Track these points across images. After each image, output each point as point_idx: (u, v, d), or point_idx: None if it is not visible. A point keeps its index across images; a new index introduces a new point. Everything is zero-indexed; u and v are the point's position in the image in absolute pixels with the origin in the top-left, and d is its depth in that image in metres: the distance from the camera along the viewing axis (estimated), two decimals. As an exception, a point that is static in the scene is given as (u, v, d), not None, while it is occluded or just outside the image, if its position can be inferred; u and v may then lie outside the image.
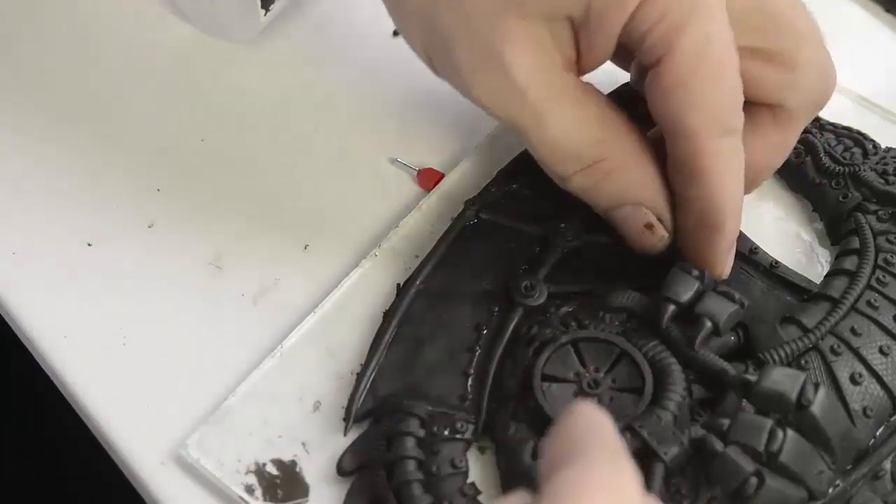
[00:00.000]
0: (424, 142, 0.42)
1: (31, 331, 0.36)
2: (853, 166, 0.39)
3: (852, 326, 0.34)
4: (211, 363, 0.35)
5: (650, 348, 0.32)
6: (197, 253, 0.38)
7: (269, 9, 0.43)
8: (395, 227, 0.38)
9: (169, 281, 0.38)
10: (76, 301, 0.37)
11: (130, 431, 0.34)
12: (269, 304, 0.37)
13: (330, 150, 0.42)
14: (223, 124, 0.43)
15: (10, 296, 0.37)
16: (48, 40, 0.45)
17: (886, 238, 0.37)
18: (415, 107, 0.43)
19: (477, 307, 0.36)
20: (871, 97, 0.44)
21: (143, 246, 0.38)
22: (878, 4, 0.48)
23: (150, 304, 0.37)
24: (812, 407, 0.30)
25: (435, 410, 0.32)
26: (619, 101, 0.33)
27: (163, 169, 0.41)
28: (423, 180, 0.41)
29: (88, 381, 0.35)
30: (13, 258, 0.38)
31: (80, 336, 0.36)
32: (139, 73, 0.44)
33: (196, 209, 0.40)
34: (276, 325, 0.36)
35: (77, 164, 0.41)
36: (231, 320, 0.37)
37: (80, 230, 0.39)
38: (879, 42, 0.47)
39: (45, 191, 0.40)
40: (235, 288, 0.37)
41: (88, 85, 0.43)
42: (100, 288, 0.37)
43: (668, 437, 0.30)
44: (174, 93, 0.43)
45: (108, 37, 0.45)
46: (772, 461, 0.29)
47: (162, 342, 0.36)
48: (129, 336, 0.36)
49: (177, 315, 0.37)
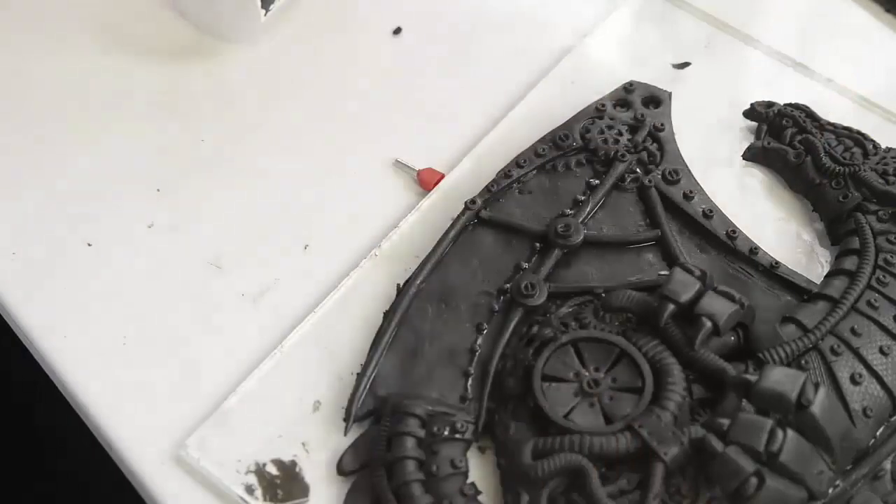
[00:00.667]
0: (425, 142, 0.42)
1: (31, 331, 0.36)
2: (853, 166, 0.39)
3: (852, 326, 0.34)
4: (211, 363, 0.35)
5: (650, 348, 0.32)
6: (197, 253, 0.38)
7: (269, 9, 0.43)
8: (395, 227, 0.39)
9: (169, 281, 0.38)
10: (76, 301, 0.37)
11: (130, 431, 0.34)
12: (269, 304, 0.37)
13: (330, 151, 0.42)
14: (223, 124, 0.43)
15: (11, 296, 0.37)
16: (48, 40, 0.45)
17: (886, 238, 0.37)
18: (415, 107, 0.43)
19: (477, 307, 0.36)
20: (872, 97, 0.44)
21: (143, 246, 0.39)
22: (878, 5, 0.48)
23: (150, 304, 0.37)
24: (812, 407, 0.30)
25: (435, 410, 0.32)
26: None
27: (163, 169, 0.41)
28: (423, 180, 0.41)
29: (88, 380, 0.35)
30: (13, 258, 0.38)
31: (80, 336, 0.36)
32: (139, 73, 0.44)
33: (196, 209, 0.40)
34: (276, 325, 0.36)
35: (77, 164, 0.41)
36: (231, 320, 0.37)
37: (80, 230, 0.39)
38: (879, 42, 0.47)
39: (45, 191, 0.40)
40: (235, 288, 0.37)
41: (88, 85, 0.43)
42: (100, 288, 0.37)
43: (668, 437, 0.30)
44: (174, 93, 0.43)
45: (109, 37, 0.45)
46: (772, 461, 0.29)
47: (162, 342, 0.36)
48: (129, 336, 0.36)
49: (177, 315, 0.37)
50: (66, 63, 0.44)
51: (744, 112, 0.43)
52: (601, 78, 0.37)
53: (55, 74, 0.43)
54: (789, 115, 0.42)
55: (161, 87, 0.43)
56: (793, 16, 0.48)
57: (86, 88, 0.43)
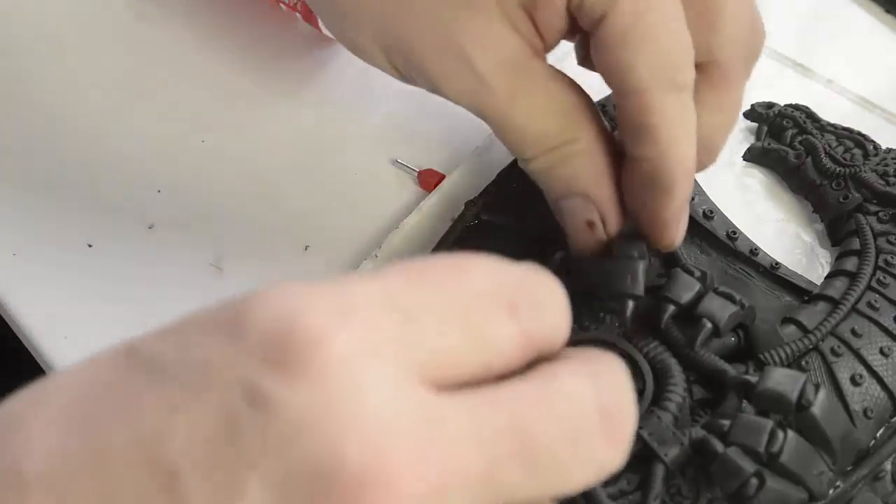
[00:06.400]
0: (425, 142, 0.42)
1: (31, 331, 0.36)
2: (854, 167, 0.39)
3: (853, 327, 0.34)
4: (211, 364, 0.35)
5: (650, 349, 0.32)
6: (197, 254, 0.38)
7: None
8: (395, 227, 0.38)
9: (169, 282, 0.38)
10: (76, 301, 0.37)
11: (130, 432, 0.34)
12: (270, 305, 0.37)
13: (330, 151, 0.42)
14: (223, 125, 0.43)
15: (10, 296, 0.37)
16: (48, 41, 0.45)
17: (887, 239, 0.37)
18: (415, 107, 0.43)
19: (477, 308, 0.35)
20: (872, 98, 0.44)
21: (143, 247, 0.39)
22: (878, 5, 0.48)
23: (151, 304, 0.37)
24: (812, 408, 0.30)
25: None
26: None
27: (163, 170, 0.41)
28: (423, 181, 0.41)
29: (88, 381, 0.35)
30: (14, 259, 0.38)
31: (80, 336, 0.36)
32: (139, 73, 0.44)
33: (196, 210, 0.40)
34: (277, 325, 0.36)
35: (77, 164, 0.41)
36: (231, 321, 0.36)
37: (80, 231, 0.39)
38: (880, 43, 0.47)
39: (45, 191, 0.40)
40: (236, 289, 0.37)
41: (89, 85, 0.43)
42: (100, 289, 0.37)
43: (669, 438, 0.30)
44: (174, 93, 0.43)
45: (109, 37, 0.45)
46: (772, 462, 0.29)
47: (162, 343, 0.36)
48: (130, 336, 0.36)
49: (177, 316, 0.37)
50: (65, 63, 0.44)
51: (744, 113, 0.43)
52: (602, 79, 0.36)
53: (55, 74, 0.43)
54: (790, 115, 0.42)
55: (161, 88, 0.43)
56: (793, 16, 0.48)
57: (85, 89, 0.43)
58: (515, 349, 0.20)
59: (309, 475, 0.16)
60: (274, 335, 0.17)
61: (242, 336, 0.18)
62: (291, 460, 0.16)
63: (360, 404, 0.17)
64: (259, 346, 0.17)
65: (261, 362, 0.17)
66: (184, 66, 0.44)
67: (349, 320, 0.18)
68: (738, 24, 0.32)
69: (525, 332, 0.20)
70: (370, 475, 0.16)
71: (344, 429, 0.17)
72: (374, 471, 0.16)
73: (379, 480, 0.16)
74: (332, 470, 0.16)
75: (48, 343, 0.36)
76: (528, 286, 0.20)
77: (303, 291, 0.18)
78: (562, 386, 0.19)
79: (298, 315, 0.17)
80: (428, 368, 0.18)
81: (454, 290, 0.19)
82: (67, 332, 0.36)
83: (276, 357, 0.17)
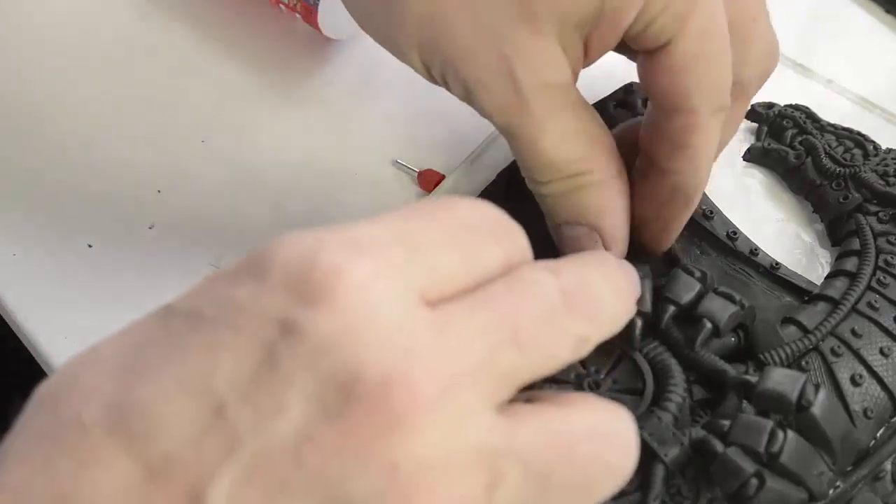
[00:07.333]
0: (425, 143, 0.42)
1: (31, 331, 0.36)
2: (854, 167, 0.39)
3: (853, 328, 0.34)
4: (211, 364, 0.35)
5: (650, 349, 0.32)
6: (197, 254, 0.38)
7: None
8: (395, 227, 0.38)
9: (169, 282, 0.37)
10: (76, 301, 0.37)
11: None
12: (270, 305, 0.37)
13: (330, 151, 0.42)
14: (223, 125, 0.43)
15: (10, 296, 0.37)
16: (49, 41, 0.45)
17: (887, 239, 0.37)
18: (416, 108, 0.43)
19: (477, 308, 0.35)
20: (872, 98, 0.44)
21: (143, 247, 0.38)
22: (878, 5, 0.48)
23: (151, 305, 0.37)
24: (812, 408, 0.30)
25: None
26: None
27: (163, 170, 0.41)
28: (423, 182, 0.41)
29: (88, 381, 0.35)
30: (14, 259, 0.38)
31: (80, 336, 0.36)
32: (139, 73, 0.44)
33: (196, 210, 0.40)
34: (277, 325, 0.36)
35: (77, 164, 0.41)
36: (231, 321, 0.36)
37: (80, 231, 0.39)
38: (880, 43, 0.47)
39: (45, 191, 0.40)
40: (236, 289, 0.37)
41: (89, 86, 0.43)
42: (100, 289, 0.37)
43: (669, 438, 0.30)
44: (174, 94, 0.43)
45: (109, 38, 0.45)
46: (772, 462, 0.29)
47: (162, 343, 0.36)
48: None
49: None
50: (66, 63, 0.44)
51: (744, 113, 0.43)
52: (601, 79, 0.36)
53: (55, 75, 0.43)
54: (790, 115, 0.42)
55: (161, 88, 0.43)
56: (793, 16, 0.48)
57: (85, 89, 0.43)
58: (499, 268, 0.23)
59: (340, 385, 0.19)
60: (297, 272, 0.20)
61: (269, 276, 0.21)
62: (324, 374, 0.19)
63: (377, 321, 0.20)
64: (284, 282, 0.20)
65: (288, 296, 0.20)
66: (184, 67, 0.44)
67: (361, 253, 0.21)
68: (762, 44, 0.33)
69: (507, 253, 0.23)
70: (391, 377, 0.19)
71: (365, 343, 0.20)
72: (393, 374, 0.19)
73: (399, 381, 0.19)
74: (359, 378, 0.19)
75: (48, 343, 0.36)
76: (503, 220, 0.24)
77: (317, 235, 0.21)
78: (524, 276, 0.23)
79: (317, 253, 0.21)
80: (430, 287, 0.21)
81: (447, 222, 0.23)
82: (67, 332, 0.36)
83: (302, 290, 0.20)
